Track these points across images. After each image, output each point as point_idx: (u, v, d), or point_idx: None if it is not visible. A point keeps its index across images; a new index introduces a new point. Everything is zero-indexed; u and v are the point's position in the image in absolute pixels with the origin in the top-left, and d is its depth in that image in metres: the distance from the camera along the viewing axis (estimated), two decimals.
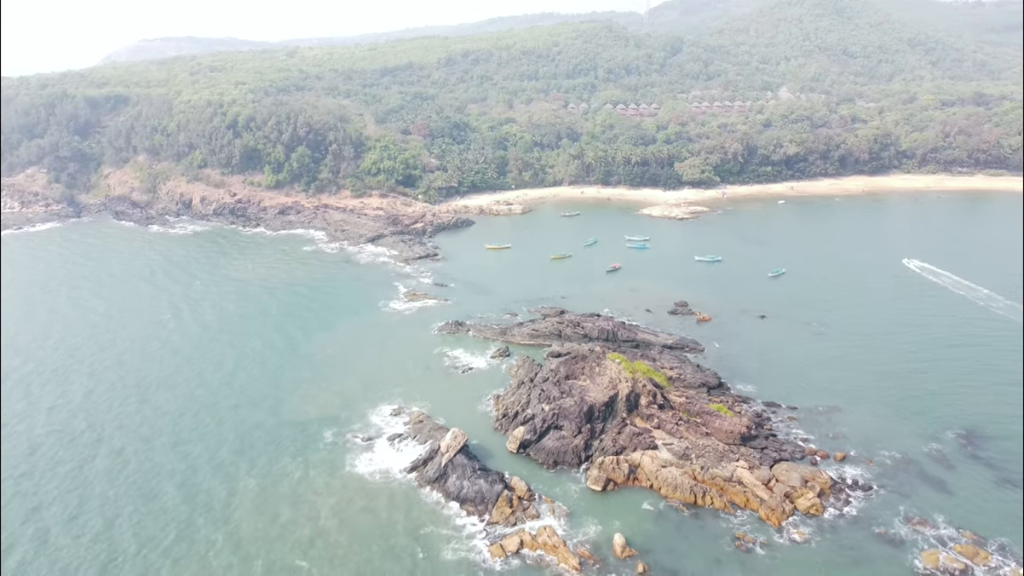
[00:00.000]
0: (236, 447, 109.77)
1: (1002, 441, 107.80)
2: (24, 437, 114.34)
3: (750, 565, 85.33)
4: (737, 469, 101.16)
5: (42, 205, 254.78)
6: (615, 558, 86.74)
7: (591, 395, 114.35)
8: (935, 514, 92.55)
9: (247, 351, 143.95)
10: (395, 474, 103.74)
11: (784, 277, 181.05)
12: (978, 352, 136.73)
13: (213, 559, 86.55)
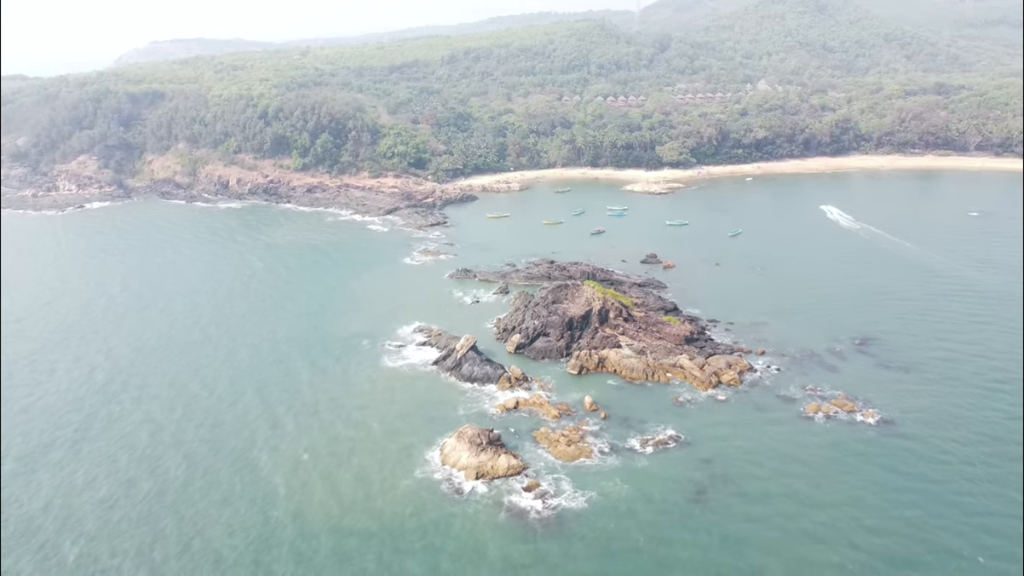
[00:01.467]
0: (297, 352, 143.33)
1: (884, 341, 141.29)
2: (178, 340, 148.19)
3: (681, 413, 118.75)
4: (680, 358, 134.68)
5: (96, 187, 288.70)
6: (584, 411, 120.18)
7: (571, 311, 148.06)
8: (823, 384, 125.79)
9: (294, 291, 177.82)
10: (420, 367, 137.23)
11: (741, 236, 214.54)
12: (872, 278, 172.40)
13: (295, 418, 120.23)
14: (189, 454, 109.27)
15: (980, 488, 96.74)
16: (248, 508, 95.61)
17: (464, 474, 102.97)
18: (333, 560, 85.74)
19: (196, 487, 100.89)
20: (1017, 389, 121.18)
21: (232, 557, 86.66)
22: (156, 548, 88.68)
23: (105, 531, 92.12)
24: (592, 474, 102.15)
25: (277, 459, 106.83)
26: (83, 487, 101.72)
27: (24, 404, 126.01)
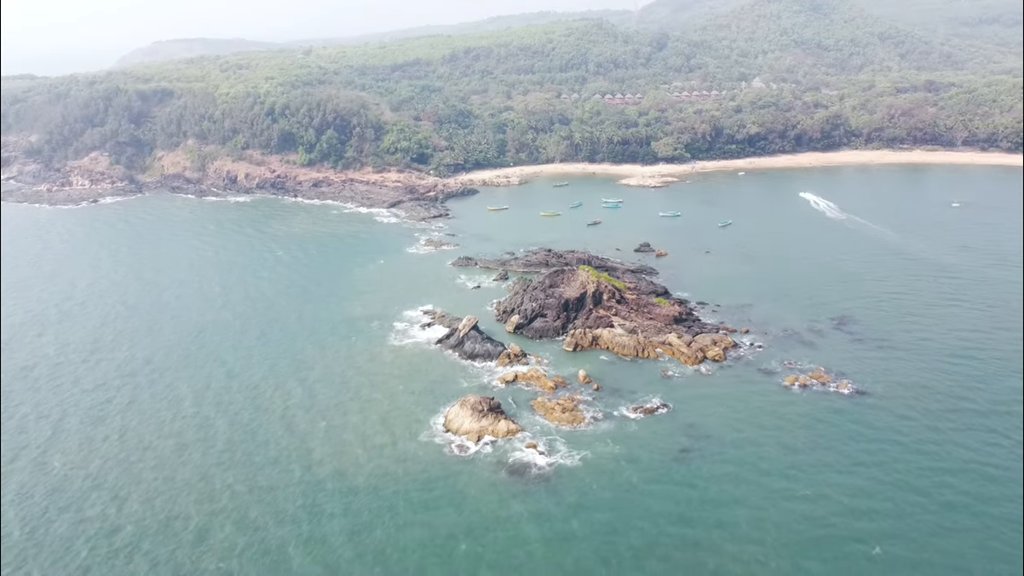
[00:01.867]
0: (308, 332, 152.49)
1: (861, 320, 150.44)
2: (211, 319, 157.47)
3: (669, 385, 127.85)
4: (668, 337, 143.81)
5: (108, 183, 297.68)
6: (578, 383, 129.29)
7: (567, 293, 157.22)
8: (802, 359, 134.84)
9: (304, 277, 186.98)
10: (425, 345, 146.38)
11: (730, 227, 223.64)
12: (853, 263, 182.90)
13: (311, 387, 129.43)
14: (233, 415, 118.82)
15: (942, 438, 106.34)
16: (284, 460, 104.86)
17: (466, 437, 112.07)
18: (345, 499, 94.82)
19: (240, 441, 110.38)
20: (982, 357, 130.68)
21: (285, 496, 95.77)
22: (212, 472, 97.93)
23: (174, 473, 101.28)
24: (585, 437, 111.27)
25: (297, 422, 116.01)
26: (135, 445, 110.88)
27: (77, 375, 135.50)
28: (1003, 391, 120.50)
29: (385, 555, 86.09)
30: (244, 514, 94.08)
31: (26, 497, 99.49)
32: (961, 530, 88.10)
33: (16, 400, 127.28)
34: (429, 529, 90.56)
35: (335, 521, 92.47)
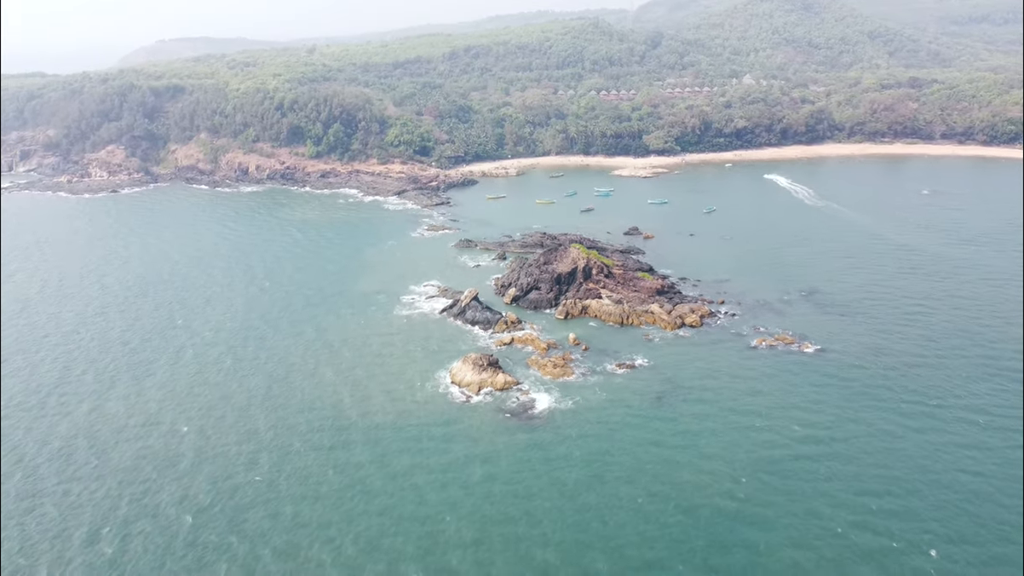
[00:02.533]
0: (327, 304, 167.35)
1: (827, 291, 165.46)
2: (240, 292, 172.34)
3: (650, 346, 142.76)
4: (651, 306, 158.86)
5: (125, 174, 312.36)
6: (569, 345, 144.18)
7: (559, 268, 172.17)
8: (771, 325, 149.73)
9: (318, 257, 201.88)
10: (430, 314, 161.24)
11: (714, 213, 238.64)
12: (824, 243, 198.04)
13: (310, 358, 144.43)
14: (269, 371, 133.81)
15: (890, 383, 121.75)
16: (317, 405, 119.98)
17: (468, 388, 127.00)
18: (373, 434, 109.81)
19: (277, 391, 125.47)
20: (932, 320, 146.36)
21: (320, 433, 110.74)
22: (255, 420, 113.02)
23: (222, 415, 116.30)
24: (575, 387, 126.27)
25: (324, 375, 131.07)
26: (185, 394, 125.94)
27: (123, 337, 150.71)
28: (947, 347, 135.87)
29: (413, 476, 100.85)
30: (286, 447, 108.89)
31: (95, 431, 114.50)
32: (895, 451, 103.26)
33: (84, 355, 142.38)
34: (449, 455, 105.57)
35: (367, 450, 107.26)
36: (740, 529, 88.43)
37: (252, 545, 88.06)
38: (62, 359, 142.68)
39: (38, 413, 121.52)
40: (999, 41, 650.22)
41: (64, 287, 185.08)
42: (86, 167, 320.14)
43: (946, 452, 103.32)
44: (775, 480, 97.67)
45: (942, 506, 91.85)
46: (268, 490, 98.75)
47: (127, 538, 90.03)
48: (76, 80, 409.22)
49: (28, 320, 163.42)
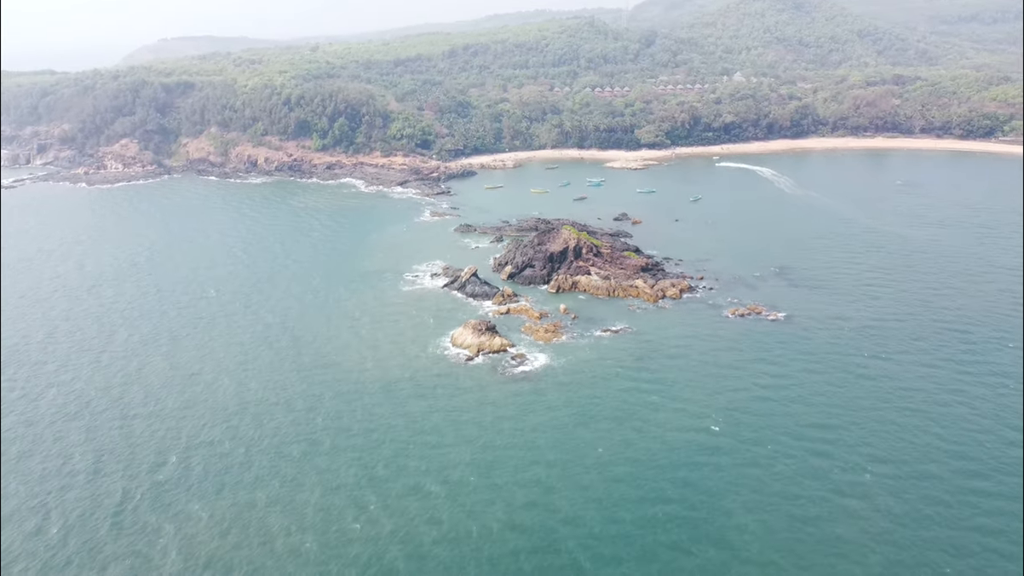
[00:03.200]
0: (341, 280, 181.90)
1: (797, 269, 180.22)
2: (264, 271, 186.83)
3: (633, 316, 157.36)
4: (636, 281, 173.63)
5: (139, 166, 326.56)
6: (559, 314, 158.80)
7: (552, 248, 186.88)
8: (744, 297, 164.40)
9: (329, 240, 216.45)
10: (433, 289, 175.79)
11: (700, 201, 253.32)
12: (799, 227, 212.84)
13: (328, 326, 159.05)
14: (296, 336, 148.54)
15: (848, 343, 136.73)
16: (342, 362, 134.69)
17: (468, 350, 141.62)
18: (376, 402, 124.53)
19: (304, 351, 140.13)
20: (886, 291, 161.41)
21: (345, 383, 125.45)
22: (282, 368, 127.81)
23: (252, 375, 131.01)
24: (565, 348, 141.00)
25: (344, 338, 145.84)
26: (223, 353, 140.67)
27: (160, 308, 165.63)
28: (901, 313, 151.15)
29: (430, 417, 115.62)
30: (316, 395, 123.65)
31: (148, 382, 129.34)
32: (845, 394, 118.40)
33: (143, 316, 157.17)
34: (459, 400, 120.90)
35: (386, 397, 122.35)
36: (708, 454, 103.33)
37: (298, 467, 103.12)
38: (108, 325, 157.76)
39: (95, 367, 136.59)
40: (987, 40, 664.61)
41: (104, 267, 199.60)
42: (101, 159, 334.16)
43: (889, 394, 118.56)
44: (741, 417, 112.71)
45: (879, 435, 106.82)
46: (305, 428, 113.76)
47: (189, 463, 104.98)
48: (87, 77, 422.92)
49: (77, 294, 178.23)
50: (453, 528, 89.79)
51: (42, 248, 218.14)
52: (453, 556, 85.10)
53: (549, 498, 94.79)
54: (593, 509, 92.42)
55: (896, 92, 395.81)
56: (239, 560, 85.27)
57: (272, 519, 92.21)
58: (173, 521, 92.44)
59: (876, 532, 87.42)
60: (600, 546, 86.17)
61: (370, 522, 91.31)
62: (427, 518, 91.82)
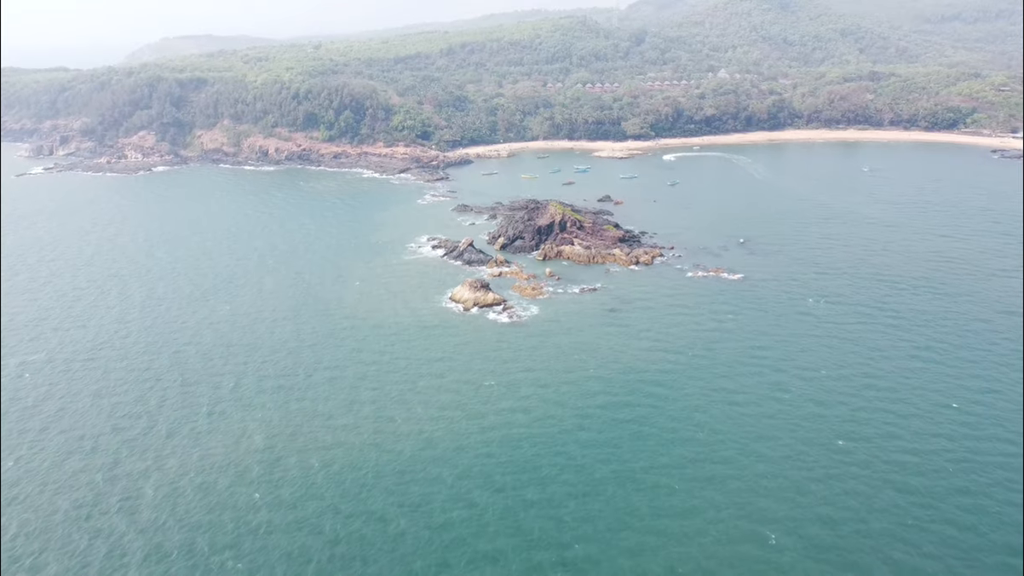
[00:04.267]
0: (350, 251, 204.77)
1: (757, 240, 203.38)
2: (282, 246, 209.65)
3: (609, 277, 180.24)
4: (614, 250, 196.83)
5: (157, 156, 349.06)
6: (545, 276, 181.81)
7: (540, 222, 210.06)
8: (708, 263, 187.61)
9: (338, 219, 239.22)
10: (434, 258, 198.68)
11: (677, 185, 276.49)
12: (764, 207, 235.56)
13: (343, 287, 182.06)
14: (315, 296, 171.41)
15: (791, 293, 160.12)
16: (357, 315, 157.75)
17: (464, 304, 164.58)
18: (391, 341, 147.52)
19: (322, 307, 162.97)
20: (831, 255, 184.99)
21: (362, 333, 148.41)
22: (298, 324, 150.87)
23: (295, 318, 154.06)
24: (548, 302, 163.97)
25: (357, 297, 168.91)
26: (274, 303, 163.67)
27: (215, 270, 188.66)
28: (842, 270, 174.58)
29: (440, 354, 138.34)
30: (338, 338, 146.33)
31: (214, 325, 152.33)
32: (783, 326, 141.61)
33: (181, 274, 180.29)
34: (462, 338, 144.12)
35: (399, 338, 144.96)
36: (664, 378, 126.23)
37: (352, 391, 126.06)
38: (173, 281, 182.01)
39: (164, 315, 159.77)
40: (967, 39, 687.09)
41: (153, 237, 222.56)
42: (122, 150, 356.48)
43: (822, 326, 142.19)
44: (696, 350, 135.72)
45: (808, 352, 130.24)
46: (344, 361, 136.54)
47: (263, 380, 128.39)
48: (103, 74, 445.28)
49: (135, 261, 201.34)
50: (471, 412, 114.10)
51: (96, 222, 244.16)
52: (476, 429, 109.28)
53: (539, 409, 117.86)
54: (572, 406, 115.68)
55: (870, 87, 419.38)
56: (305, 438, 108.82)
57: (336, 420, 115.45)
58: (254, 417, 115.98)
59: (793, 411, 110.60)
60: (581, 421, 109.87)
61: (411, 415, 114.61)
62: (447, 406, 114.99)
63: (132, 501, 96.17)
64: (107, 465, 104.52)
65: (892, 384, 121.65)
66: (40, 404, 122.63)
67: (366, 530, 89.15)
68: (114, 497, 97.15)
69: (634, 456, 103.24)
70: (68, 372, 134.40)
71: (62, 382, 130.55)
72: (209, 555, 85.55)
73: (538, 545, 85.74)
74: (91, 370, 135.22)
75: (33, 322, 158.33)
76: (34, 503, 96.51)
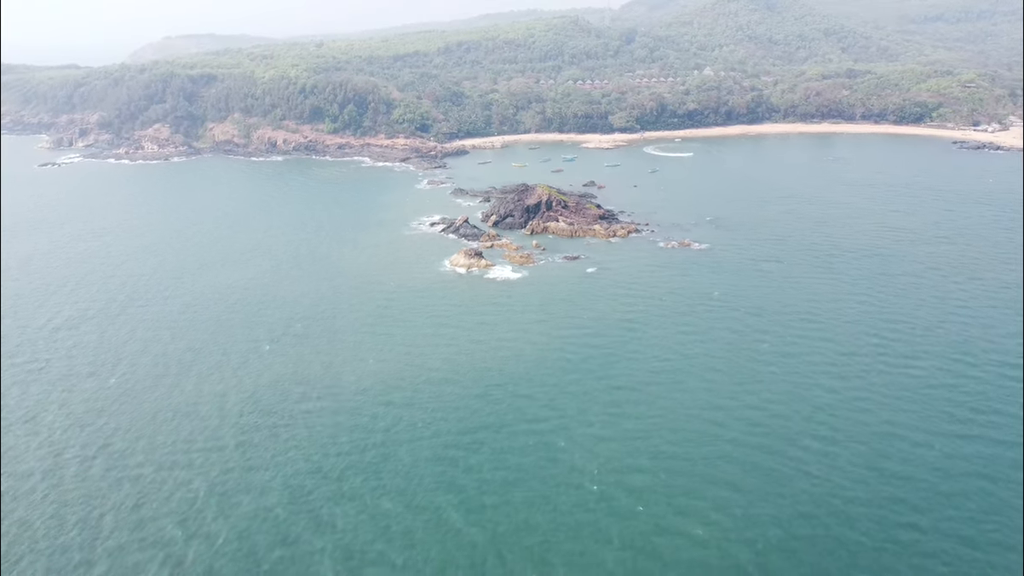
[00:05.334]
0: (357, 228, 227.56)
1: (725, 219, 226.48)
2: (294, 223, 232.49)
3: (589, 247, 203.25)
4: (594, 226, 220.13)
5: (172, 147, 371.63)
6: (532, 247, 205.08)
7: (528, 201, 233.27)
8: (678, 236, 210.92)
9: (345, 201, 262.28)
10: (432, 233, 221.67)
11: (658, 172, 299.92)
12: (734, 190, 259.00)
13: (363, 250, 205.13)
14: (331, 262, 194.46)
15: (746, 260, 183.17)
16: (369, 277, 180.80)
17: (461, 268, 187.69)
18: (401, 294, 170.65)
19: (336, 271, 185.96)
20: (786, 229, 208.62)
21: (374, 289, 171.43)
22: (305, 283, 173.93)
23: (304, 285, 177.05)
24: (534, 268, 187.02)
25: (367, 264, 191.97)
26: (310, 270, 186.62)
27: (239, 241, 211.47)
28: (796, 238, 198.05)
29: (441, 303, 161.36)
30: (351, 295, 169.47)
31: (231, 287, 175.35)
32: (736, 277, 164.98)
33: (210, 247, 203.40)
34: (459, 296, 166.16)
35: (408, 296, 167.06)
36: (628, 323, 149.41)
37: (376, 331, 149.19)
38: (214, 250, 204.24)
39: (218, 273, 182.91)
40: (948, 38, 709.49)
41: (184, 215, 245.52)
42: (138, 141, 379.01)
43: (772, 279, 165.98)
44: (660, 299, 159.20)
45: (755, 298, 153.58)
46: (366, 306, 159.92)
47: (309, 325, 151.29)
48: (116, 71, 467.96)
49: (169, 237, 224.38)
50: (474, 339, 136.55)
51: (132, 202, 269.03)
52: (481, 350, 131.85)
53: (528, 337, 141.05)
54: (555, 336, 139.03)
55: (847, 84, 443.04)
56: (347, 363, 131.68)
57: (364, 349, 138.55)
58: (311, 350, 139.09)
59: (739, 340, 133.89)
60: (563, 344, 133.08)
61: (431, 344, 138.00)
62: (455, 339, 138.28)
63: (220, 405, 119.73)
64: (193, 383, 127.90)
65: (824, 318, 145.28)
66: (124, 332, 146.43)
67: (403, 413, 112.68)
68: (204, 405, 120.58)
69: (600, 368, 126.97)
70: (137, 315, 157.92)
71: (140, 323, 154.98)
72: (283, 433, 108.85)
73: (528, 398, 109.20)
74: (165, 315, 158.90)
75: (119, 280, 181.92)
76: (140, 399, 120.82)
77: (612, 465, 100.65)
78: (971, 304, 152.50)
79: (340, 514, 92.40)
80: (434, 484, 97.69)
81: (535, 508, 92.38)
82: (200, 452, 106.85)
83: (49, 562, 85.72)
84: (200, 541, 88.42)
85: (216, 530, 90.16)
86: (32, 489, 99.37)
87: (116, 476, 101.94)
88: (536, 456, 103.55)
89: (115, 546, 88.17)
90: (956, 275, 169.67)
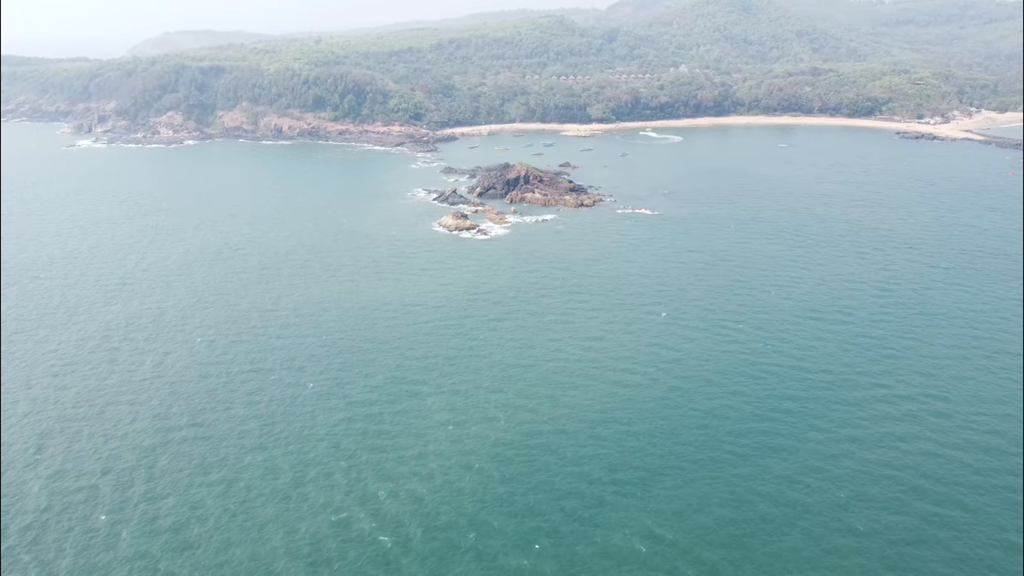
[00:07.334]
0: (360, 198, 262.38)
1: (679, 192, 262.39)
2: (300, 201, 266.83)
3: (559, 213, 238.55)
4: (565, 197, 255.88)
5: (186, 132, 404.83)
6: (510, 212, 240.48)
7: (508, 176, 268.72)
8: (636, 205, 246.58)
9: (346, 178, 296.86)
10: (425, 200, 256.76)
11: (627, 156, 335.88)
12: (689, 169, 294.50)
13: (363, 215, 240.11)
14: (338, 224, 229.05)
15: (690, 224, 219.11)
16: (371, 235, 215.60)
17: (449, 228, 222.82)
18: (400, 248, 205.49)
19: (344, 231, 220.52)
20: (734, 202, 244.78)
21: (376, 248, 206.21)
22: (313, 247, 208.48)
23: (311, 238, 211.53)
24: (512, 227, 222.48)
25: (369, 224, 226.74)
26: (328, 228, 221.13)
27: (264, 211, 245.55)
28: (732, 207, 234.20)
29: (436, 254, 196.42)
30: (356, 251, 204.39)
31: (248, 267, 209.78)
32: (690, 240, 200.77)
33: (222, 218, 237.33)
34: (447, 252, 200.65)
35: (407, 248, 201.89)
36: (593, 271, 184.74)
37: (382, 265, 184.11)
38: (247, 217, 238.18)
39: (257, 234, 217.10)
40: (917, 41, 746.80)
41: (211, 186, 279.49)
42: (154, 127, 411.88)
43: (710, 238, 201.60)
44: (616, 256, 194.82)
45: (687, 244, 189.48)
46: (372, 256, 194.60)
47: (311, 264, 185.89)
48: (129, 63, 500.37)
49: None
50: (462, 280, 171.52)
51: (163, 181, 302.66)
52: (465, 289, 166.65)
53: (509, 285, 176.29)
54: (524, 281, 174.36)
55: (809, 81, 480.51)
56: (344, 300, 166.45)
57: (361, 293, 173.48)
58: (335, 280, 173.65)
59: (677, 272, 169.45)
60: (528, 287, 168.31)
61: (427, 285, 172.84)
62: (445, 280, 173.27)
63: (271, 318, 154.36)
64: (248, 301, 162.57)
65: (744, 260, 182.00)
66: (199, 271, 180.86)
67: (402, 319, 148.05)
68: (282, 310, 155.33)
69: (558, 306, 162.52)
70: (199, 265, 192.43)
71: (208, 269, 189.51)
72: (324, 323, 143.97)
73: (504, 331, 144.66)
74: (219, 264, 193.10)
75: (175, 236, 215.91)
76: (228, 302, 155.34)
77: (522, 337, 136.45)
78: (863, 245, 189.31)
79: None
80: (448, 347, 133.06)
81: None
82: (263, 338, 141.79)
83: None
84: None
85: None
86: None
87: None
88: (511, 324, 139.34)
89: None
90: (861, 228, 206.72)
